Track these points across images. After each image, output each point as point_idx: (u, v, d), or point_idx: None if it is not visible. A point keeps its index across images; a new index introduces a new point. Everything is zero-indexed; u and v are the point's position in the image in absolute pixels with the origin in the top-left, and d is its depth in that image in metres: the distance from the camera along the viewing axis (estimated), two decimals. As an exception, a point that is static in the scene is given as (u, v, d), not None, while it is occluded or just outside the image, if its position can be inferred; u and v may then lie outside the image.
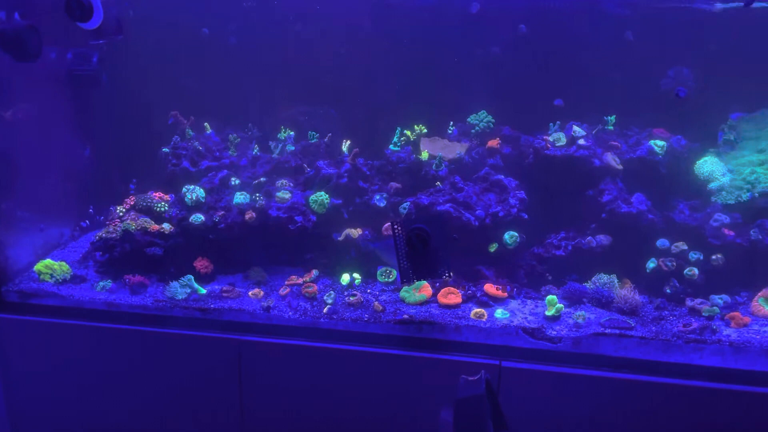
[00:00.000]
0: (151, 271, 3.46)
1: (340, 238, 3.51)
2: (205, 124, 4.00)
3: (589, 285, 3.30)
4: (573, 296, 3.22)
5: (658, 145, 3.52)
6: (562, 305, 3.08)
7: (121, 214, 3.61)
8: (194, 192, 3.57)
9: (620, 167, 3.51)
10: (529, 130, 3.77)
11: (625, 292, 3.16)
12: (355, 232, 3.52)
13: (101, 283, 3.39)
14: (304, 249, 3.58)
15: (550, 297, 3.09)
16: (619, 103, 3.69)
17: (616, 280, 3.30)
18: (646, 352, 2.81)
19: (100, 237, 3.47)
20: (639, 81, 3.66)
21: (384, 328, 3.03)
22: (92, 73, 3.76)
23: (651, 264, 3.28)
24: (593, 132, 3.67)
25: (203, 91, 3.99)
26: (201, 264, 3.48)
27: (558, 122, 3.70)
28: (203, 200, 3.58)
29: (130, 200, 3.68)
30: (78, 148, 4.00)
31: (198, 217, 3.50)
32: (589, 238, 3.39)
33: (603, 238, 3.39)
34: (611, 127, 3.71)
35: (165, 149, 3.84)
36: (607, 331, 2.89)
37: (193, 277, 3.33)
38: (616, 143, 3.62)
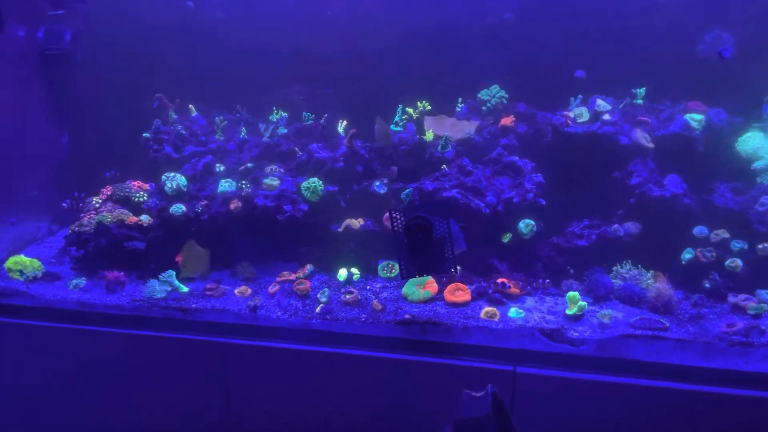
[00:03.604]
0: (130, 268, 3.31)
1: (340, 230, 3.35)
2: (190, 106, 3.87)
3: (615, 279, 3.13)
4: (598, 292, 3.07)
5: (694, 119, 3.39)
6: (585, 303, 2.95)
7: (97, 205, 3.48)
8: (175, 180, 3.41)
9: (651, 145, 3.37)
10: (547, 106, 3.64)
11: (658, 287, 3.01)
12: (356, 223, 3.34)
13: (74, 281, 3.25)
14: (297, 241, 3.45)
15: (571, 293, 2.96)
16: (649, 74, 3.55)
17: (646, 273, 3.11)
18: (683, 356, 2.63)
19: (73, 230, 3.34)
20: (672, 48, 3.50)
21: (383, 330, 2.89)
22: (65, 52, 3.63)
23: (687, 255, 3.14)
24: (620, 106, 3.55)
25: (189, 70, 3.85)
26: (183, 259, 3.32)
27: (580, 96, 3.58)
28: (185, 189, 3.44)
29: (107, 190, 3.55)
30: (55, 134, 3.89)
31: (179, 208, 3.35)
32: (615, 226, 3.26)
33: (631, 226, 3.25)
34: (640, 101, 3.57)
35: (146, 134, 3.71)
36: (638, 332, 2.76)
37: (174, 273, 3.15)
38: (645, 118, 3.48)
